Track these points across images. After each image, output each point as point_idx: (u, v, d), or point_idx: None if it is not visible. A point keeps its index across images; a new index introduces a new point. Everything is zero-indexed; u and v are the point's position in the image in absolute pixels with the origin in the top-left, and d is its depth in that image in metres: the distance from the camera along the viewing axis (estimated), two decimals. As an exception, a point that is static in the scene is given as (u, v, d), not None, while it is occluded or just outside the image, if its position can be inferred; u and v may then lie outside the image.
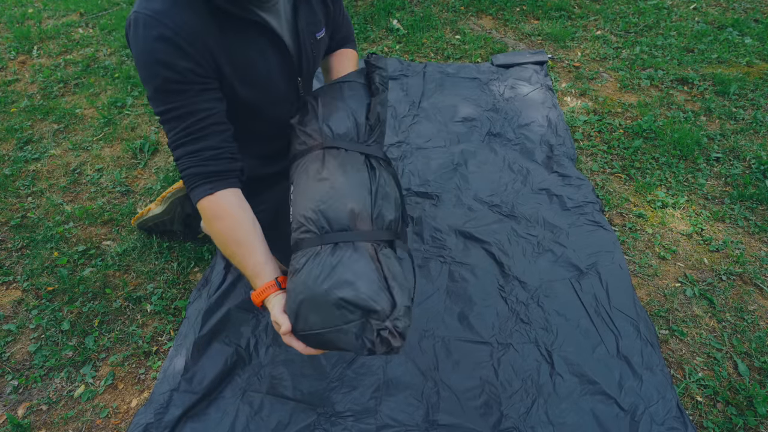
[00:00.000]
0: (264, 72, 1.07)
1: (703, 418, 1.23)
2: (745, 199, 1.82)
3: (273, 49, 1.06)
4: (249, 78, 1.04)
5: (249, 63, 1.03)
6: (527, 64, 2.60)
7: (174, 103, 0.95)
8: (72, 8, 3.52)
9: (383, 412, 1.24)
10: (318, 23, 1.15)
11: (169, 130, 0.98)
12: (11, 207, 1.91)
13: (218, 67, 0.99)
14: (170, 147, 1.00)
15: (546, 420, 1.21)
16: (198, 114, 0.97)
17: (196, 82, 0.95)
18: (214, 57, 0.97)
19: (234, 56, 1.00)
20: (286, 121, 1.19)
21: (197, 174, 0.98)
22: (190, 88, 0.95)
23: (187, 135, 0.97)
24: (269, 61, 1.06)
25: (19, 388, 1.35)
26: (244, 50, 1.01)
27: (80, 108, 2.47)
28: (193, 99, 0.96)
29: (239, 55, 1.01)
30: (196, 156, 0.98)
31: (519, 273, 1.56)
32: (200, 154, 0.98)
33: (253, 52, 1.03)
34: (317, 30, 1.16)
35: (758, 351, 1.36)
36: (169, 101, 0.95)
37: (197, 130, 0.97)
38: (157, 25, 0.89)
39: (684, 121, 2.20)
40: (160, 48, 0.90)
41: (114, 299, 1.56)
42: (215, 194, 0.98)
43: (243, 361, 1.36)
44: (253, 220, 1.01)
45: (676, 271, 1.59)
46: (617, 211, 1.80)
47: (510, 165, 1.99)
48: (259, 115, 1.16)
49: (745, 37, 2.80)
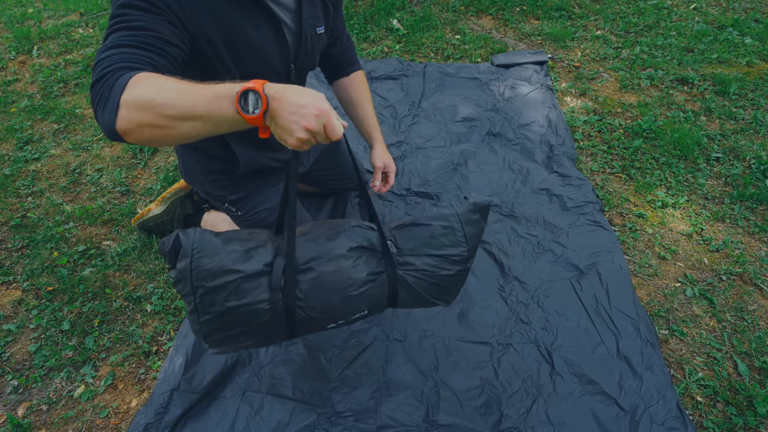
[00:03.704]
0: (257, 44, 1.05)
1: (703, 418, 1.23)
2: (745, 199, 1.82)
3: (270, 27, 1.05)
4: (239, 46, 1.02)
5: (242, 33, 1.02)
6: (527, 64, 2.60)
7: (136, 15, 0.83)
8: (72, 8, 3.52)
9: (383, 412, 1.24)
10: (319, 18, 1.17)
11: (113, 31, 0.82)
12: (11, 207, 1.91)
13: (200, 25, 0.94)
14: (99, 52, 0.80)
15: (546, 420, 1.21)
16: (157, 32, 0.84)
17: (168, 13, 0.87)
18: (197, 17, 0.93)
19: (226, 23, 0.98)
20: None
21: (127, 68, 0.78)
22: (160, 14, 0.86)
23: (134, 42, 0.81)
24: (264, 36, 1.05)
25: (19, 388, 1.35)
26: (238, 20, 1.00)
27: (80, 108, 2.47)
28: (158, 21, 0.84)
29: (233, 24, 0.99)
30: (134, 56, 0.80)
31: (519, 273, 1.56)
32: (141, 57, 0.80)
33: (247, 24, 1.02)
34: (318, 25, 1.17)
35: (758, 351, 1.36)
36: (132, 14, 0.83)
37: (148, 43, 0.82)
38: None
39: (684, 121, 2.20)
40: None
41: (114, 299, 1.56)
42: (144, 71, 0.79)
43: (243, 361, 1.36)
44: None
45: (676, 271, 1.59)
46: (617, 211, 1.80)
47: (510, 165, 1.99)
48: None
49: (745, 37, 2.80)
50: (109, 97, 0.75)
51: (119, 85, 0.75)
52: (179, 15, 0.90)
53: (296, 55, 1.15)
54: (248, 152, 1.25)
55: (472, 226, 1.03)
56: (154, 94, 0.73)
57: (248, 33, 1.03)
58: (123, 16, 0.83)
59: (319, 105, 0.74)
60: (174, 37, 0.88)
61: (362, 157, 2.00)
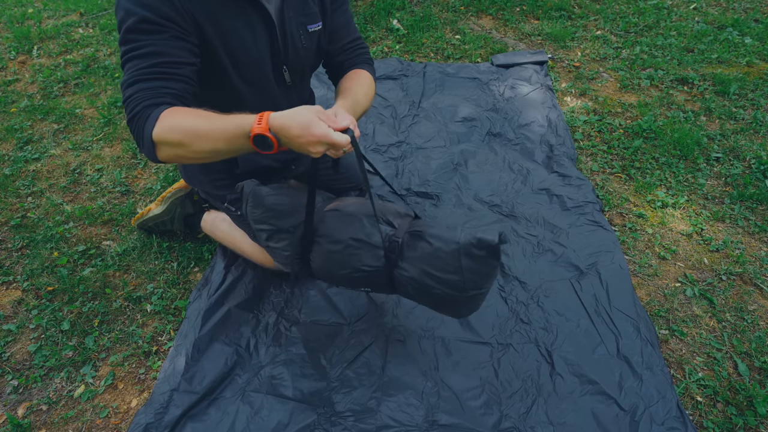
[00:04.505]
0: (250, 44, 1.05)
1: (703, 418, 1.23)
2: (745, 199, 1.82)
3: (263, 28, 1.05)
4: (233, 46, 1.03)
5: (235, 33, 1.02)
6: (527, 64, 2.60)
7: (144, 41, 0.89)
8: (72, 8, 3.52)
9: (383, 412, 1.24)
10: (312, 15, 1.13)
11: (129, 69, 0.89)
12: (11, 207, 1.91)
13: (200, 27, 0.97)
14: (123, 86, 0.90)
15: (546, 420, 1.21)
16: (167, 56, 0.91)
17: (172, 28, 0.92)
18: (197, 20, 0.95)
19: (220, 23, 0.99)
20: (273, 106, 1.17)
21: (152, 105, 0.88)
22: (165, 31, 0.91)
23: (150, 74, 0.89)
24: (257, 36, 1.05)
25: (19, 388, 1.35)
26: (231, 20, 1.00)
27: (80, 108, 2.47)
28: (166, 42, 0.91)
29: (226, 24, 1.00)
30: (155, 91, 0.89)
31: (519, 273, 1.56)
32: (161, 90, 0.89)
33: (239, 23, 1.02)
34: (310, 22, 1.13)
35: (758, 351, 1.36)
36: (140, 39, 0.89)
37: (162, 71, 0.90)
38: None
39: (684, 121, 2.20)
40: None
41: (114, 299, 1.56)
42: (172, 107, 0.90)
43: (243, 361, 1.36)
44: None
45: (676, 271, 1.59)
46: (617, 211, 1.80)
47: (510, 165, 1.99)
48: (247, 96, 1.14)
49: (745, 37, 2.80)
50: (143, 136, 0.88)
51: (149, 126, 0.87)
52: (182, 24, 0.93)
53: (285, 54, 1.12)
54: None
55: (473, 260, 0.99)
56: (180, 137, 0.86)
57: (241, 34, 1.03)
58: (133, 43, 0.89)
59: (313, 133, 0.80)
60: (184, 53, 0.93)
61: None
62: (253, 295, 1.52)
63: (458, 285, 1.01)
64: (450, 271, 1.01)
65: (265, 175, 1.34)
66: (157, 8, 0.90)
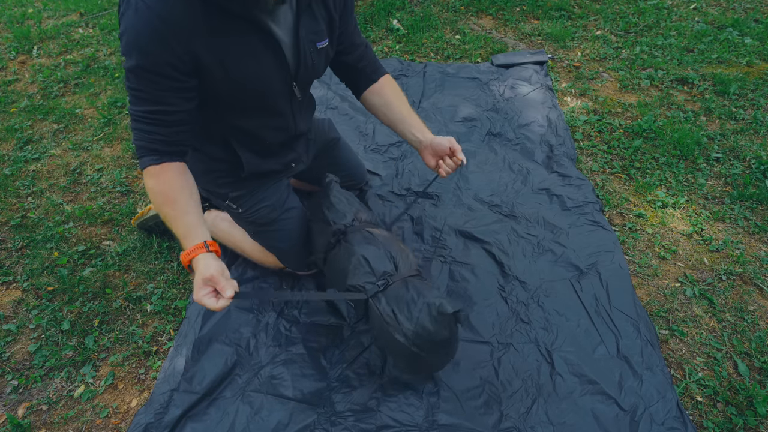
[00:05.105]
0: (254, 69, 1.06)
1: (703, 418, 1.23)
2: (745, 199, 1.82)
3: (267, 49, 1.06)
4: (238, 75, 1.04)
5: (239, 60, 1.02)
6: (527, 64, 2.60)
7: (144, 88, 0.98)
8: (72, 8, 3.52)
9: (383, 412, 1.24)
10: (320, 33, 1.15)
11: (131, 102, 1.03)
12: (11, 207, 1.91)
13: (201, 64, 0.99)
14: (129, 112, 1.05)
15: (546, 420, 1.21)
16: (162, 105, 1.00)
17: (171, 77, 0.97)
18: (198, 55, 0.97)
19: (223, 53, 1.00)
20: (281, 119, 1.22)
21: (146, 148, 1.05)
22: (163, 81, 0.97)
23: (146, 117, 1.02)
24: (261, 60, 1.06)
25: (19, 388, 1.35)
26: (235, 47, 1.01)
27: (80, 108, 2.47)
28: (162, 93, 0.99)
29: (230, 52, 1.00)
30: (149, 135, 1.04)
31: (519, 273, 1.56)
32: (153, 136, 1.04)
33: (243, 50, 1.02)
34: (319, 39, 1.15)
35: (758, 351, 1.36)
36: (141, 84, 0.98)
37: (155, 119, 1.02)
38: (149, 12, 0.89)
39: (684, 121, 2.20)
40: (146, 35, 0.91)
41: (114, 299, 1.56)
42: (161, 164, 1.05)
43: (243, 361, 1.36)
44: (193, 186, 1.08)
45: (676, 271, 1.59)
46: (617, 211, 1.80)
47: (510, 165, 1.99)
48: (252, 111, 1.17)
49: (745, 37, 2.80)
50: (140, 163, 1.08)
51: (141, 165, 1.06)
52: (181, 69, 0.97)
53: (296, 73, 1.14)
54: (254, 159, 1.28)
55: (429, 323, 1.10)
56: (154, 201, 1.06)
57: (245, 61, 1.04)
58: (131, 83, 0.98)
59: (197, 292, 0.97)
60: (179, 101, 1.01)
61: (361, 158, 2.00)
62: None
63: (403, 343, 1.11)
64: (396, 329, 1.12)
65: (267, 176, 1.36)
66: (157, 56, 0.93)
